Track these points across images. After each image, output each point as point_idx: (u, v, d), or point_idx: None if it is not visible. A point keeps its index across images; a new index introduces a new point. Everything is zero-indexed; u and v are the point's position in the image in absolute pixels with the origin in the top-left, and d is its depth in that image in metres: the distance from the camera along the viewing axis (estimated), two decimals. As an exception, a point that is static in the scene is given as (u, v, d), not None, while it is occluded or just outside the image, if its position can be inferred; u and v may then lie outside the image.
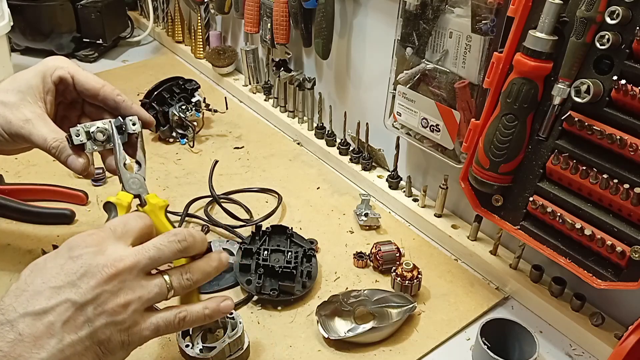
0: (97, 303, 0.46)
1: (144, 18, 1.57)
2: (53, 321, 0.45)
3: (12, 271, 0.77)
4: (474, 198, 0.75)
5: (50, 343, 0.45)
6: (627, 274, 0.62)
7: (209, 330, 0.68)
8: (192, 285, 0.53)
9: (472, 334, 0.72)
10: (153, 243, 0.51)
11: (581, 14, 0.59)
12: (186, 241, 0.52)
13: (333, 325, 0.71)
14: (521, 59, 0.63)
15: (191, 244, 0.52)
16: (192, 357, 0.63)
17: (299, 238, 0.81)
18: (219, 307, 0.55)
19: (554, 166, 0.65)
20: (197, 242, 0.53)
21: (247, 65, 1.20)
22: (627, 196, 0.59)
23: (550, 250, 0.68)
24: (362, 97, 1.00)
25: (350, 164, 1.00)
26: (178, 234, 0.52)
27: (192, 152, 1.06)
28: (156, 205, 0.59)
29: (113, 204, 0.59)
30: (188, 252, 0.53)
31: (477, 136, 0.71)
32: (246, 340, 0.66)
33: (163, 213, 0.60)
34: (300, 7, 0.97)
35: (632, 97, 0.57)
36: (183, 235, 0.52)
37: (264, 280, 0.75)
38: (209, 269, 0.54)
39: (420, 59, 0.80)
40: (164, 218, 0.59)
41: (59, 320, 0.45)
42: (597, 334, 0.70)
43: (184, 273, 0.52)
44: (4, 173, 0.92)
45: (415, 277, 0.75)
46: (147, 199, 0.60)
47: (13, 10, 1.10)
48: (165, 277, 0.51)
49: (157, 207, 0.59)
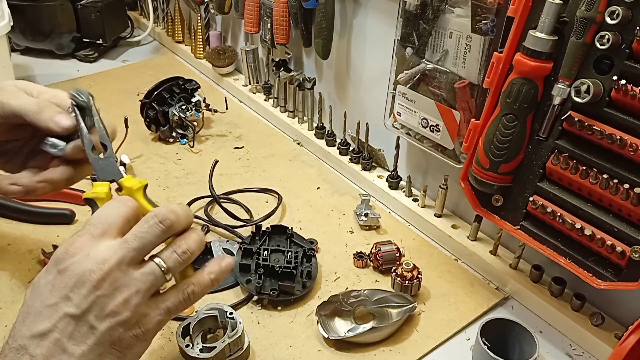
0: (96, 309, 0.46)
1: (144, 18, 1.57)
2: (59, 338, 0.45)
3: (12, 271, 0.77)
4: (474, 198, 0.75)
5: (63, 358, 0.45)
6: (627, 274, 0.62)
7: (209, 330, 0.68)
8: (189, 257, 0.50)
9: (472, 334, 0.72)
10: (134, 233, 0.48)
11: (581, 14, 0.59)
12: (169, 219, 0.49)
13: (333, 325, 0.71)
14: (521, 59, 0.63)
15: (174, 220, 0.49)
16: (192, 357, 0.63)
17: (299, 238, 0.81)
18: (221, 267, 0.53)
19: (554, 166, 0.65)
20: (180, 218, 0.50)
21: (247, 65, 1.20)
22: (627, 196, 0.59)
23: (550, 250, 0.68)
24: (362, 97, 1.00)
25: (350, 164, 1.00)
26: (158, 214, 0.49)
27: (192, 152, 1.06)
28: (132, 189, 0.55)
29: (92, 199, 0.54)
30: (174, 230, 0.50)
31: (477, 136, 0.71)
32: (246, 340, 0.66)
33: (141, 194, 0.55)
34: (300, 7, 0.97)
35: (632, 97, 0.57)
36: (163, 214, 0.49)
37: (264, 280, 0.74)
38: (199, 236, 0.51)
39: (420, 59, 0.80)
40: (144, 200, 0.55)
41: (64, 336, 0.45)
42: (597, 334, 0.70)
43: (175, 249, 0.49)
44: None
45: (415, 277, 0.75)
46: (122, 182, 0.55)
47: (13, 10, 1.09)
48: (156, 261, 0.48)
49: (133, 191, 0.55)
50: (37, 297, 0.47)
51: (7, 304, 0.72)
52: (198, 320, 0.66)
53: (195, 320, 0.66)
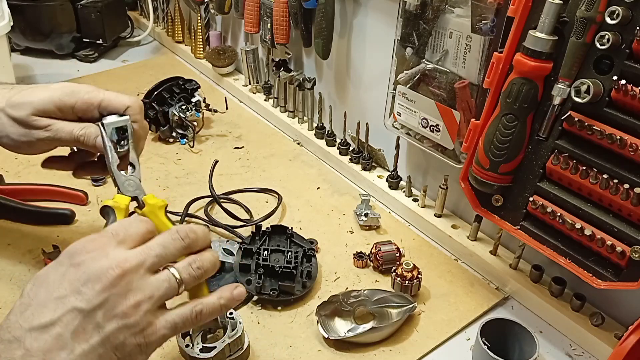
0: (106, 307, 0.45)
1: (144, 18, 1.57)
2: (61, 332, 0.44)
3: (12, 271, 0.77)
4: (474, 198, 0.75)
5: (61, 355, 0.43)
6: (627, 274, 0.62)
7: (209, 331, 0.68)
8: (202, 274, 0.51)
9: (472, 334, 0.72)
10: (157, 241, 0.50)
11: (581, 14, 0.59)
12: (189, 237, 0.51)
13: (333, 325, 0.71)
14: (521, 59, 0.63)
15: (194, 240, 0.52)
16: (192, 357, 0.63)
17: (299, 238, 0.81)
18: (232, 295, 0.53)
19: (554, 166, 0.65)
20: (199, 238, 0.52)
21: (247, 65, 1.20)
22: (627, 196, 0.59)
23: (550, 250, 0.68)
24: (362, 97, 1.00)
25: (350, 164, 1.00)
26: (180, 231, 0.51)
27: (192, 152, 1.06)
28: (155, 206, 0.58)
29: (111, 207, 0.57)
30: (192, 249, 0.52)
31: (477, 136, 0.71)
32: (246, 340, 0.66)
33: (163, 213, 0.59)
34: (300, 7, 0.97)
35: (632, 97, 0.57)
36: (185, 232, 0.51)
37: (264, 280, 0.75)
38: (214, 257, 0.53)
39: (420, 59, 0.80)
40: (165, 218, 0.59)
41: (67, 331, 0.44)
42: (597, 334, 0.70)
43: (192, 263, 0.51)
44: (4, 173, 0.92)
45: (415, 277, 0.75)
46: (145, 200, 0.59)
47: (13, 10, 1.09)
48: (172, 271, 0.49)
49: (156, 208, 0.58)
50: (42, 289, 0.45)
51: (7, 304, 0.72)
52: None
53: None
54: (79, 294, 0.45)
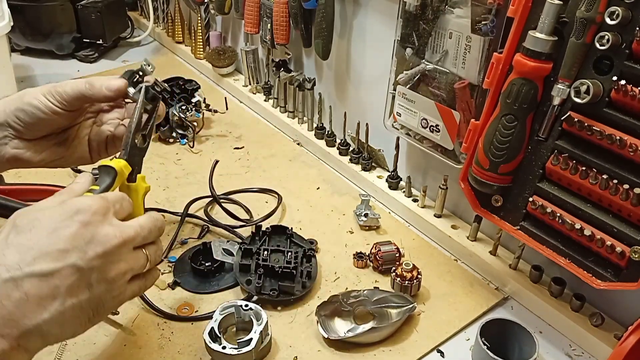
0: (100, 270, 0.48)
1: (144, 18, 1.57)
2: (58, 285, 0.46)
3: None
4: (474, 198, 0.75)
5: (54, 305, 0.46)
6: (627, 274, 0.62)
7: (225, 330, 0.69)
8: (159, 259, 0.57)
9: (471, 334, 0.72)
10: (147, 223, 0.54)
11: (581, 15, 0.59)
12: (161, 229, 0.56)
13: (333, 326, 0.71)
14: (521, 59, 0.63)
15: (162, 230, 0.57)
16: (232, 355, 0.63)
17: (298, 238, 0.81)
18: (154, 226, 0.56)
19: (554, 166, 0.66)
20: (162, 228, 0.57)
21: (247, 65, 1.20)
22: (626, 196, 0.59)
23: (550, 251, 0.68)
24: (362, 97, 1.00)
25: (350, 164, 1.00)
26: (158, 220, 0.56)
27: (192, 152, 1.06)
28: (142, 186, 0.60)
29: (116, 171, 0.57)
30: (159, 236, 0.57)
31: (477, 136, 0.71)
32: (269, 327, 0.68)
33: (143, 196, 0.61)
34: (300, 7, 0.97)
35: (632, 97, 0.57)
36: (161, 222, 0.56)
37: (264, 281, 0.75)
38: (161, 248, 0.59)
39: (420, 60, 0.80)
40: (142, 202, 0.60)
41: (63, 285, 0.46)
42: (596, 334, 0.70)
43: (157, 250, 0.56)
44: (4, 173, 0.91)
45: (415, 278, 0.75)
46: (138, 177, 0.60)
47: (13, 10, 1.09)
48: (146, 252, 0.54)
49: (142, 188, 0.60)
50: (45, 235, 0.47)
51: (7, 304, 0.72)
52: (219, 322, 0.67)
53: (216, 323, 0.66)
54: (82, 252, 0.48)
